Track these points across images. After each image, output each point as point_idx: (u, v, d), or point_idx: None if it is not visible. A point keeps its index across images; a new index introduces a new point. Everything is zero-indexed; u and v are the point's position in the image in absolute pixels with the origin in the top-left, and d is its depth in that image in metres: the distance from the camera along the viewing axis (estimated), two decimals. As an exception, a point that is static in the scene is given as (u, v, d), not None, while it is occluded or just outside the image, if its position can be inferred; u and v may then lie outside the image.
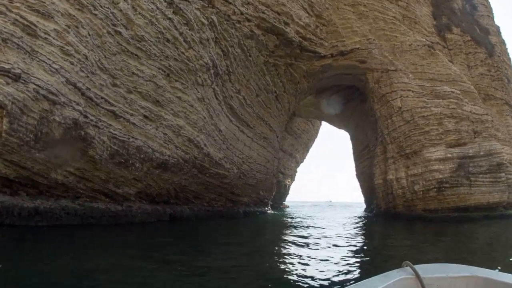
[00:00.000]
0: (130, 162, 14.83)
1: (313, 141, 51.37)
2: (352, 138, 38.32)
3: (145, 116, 15.27)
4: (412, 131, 24.22)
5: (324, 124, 47.25)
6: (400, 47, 26.48)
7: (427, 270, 2.07)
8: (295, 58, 24.21)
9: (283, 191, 46.95)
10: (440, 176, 22.92)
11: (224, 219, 20.38)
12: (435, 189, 23.08)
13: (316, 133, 50.83)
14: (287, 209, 45.59)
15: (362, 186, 36.82)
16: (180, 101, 16.81)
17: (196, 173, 18.97)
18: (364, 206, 39.43)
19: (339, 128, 42.62)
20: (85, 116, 12.61)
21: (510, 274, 2.07)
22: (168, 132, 16.41)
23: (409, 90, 25.16)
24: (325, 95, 34.63)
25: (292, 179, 51.24)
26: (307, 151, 51.30)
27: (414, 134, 24.15)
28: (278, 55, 22.93)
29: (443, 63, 27.25)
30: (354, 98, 33.55)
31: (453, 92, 25.65)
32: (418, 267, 2.04)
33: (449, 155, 23.35)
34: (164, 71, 15.70)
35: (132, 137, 14.66)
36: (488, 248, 11.11)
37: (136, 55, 14.53)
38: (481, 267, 2.23)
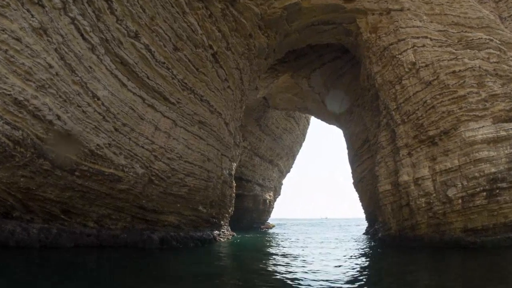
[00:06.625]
0: None
1: (300, 145, 41.67)
2: (346, 134, 28.70)
3: None
4: (437, 97, 14.74)
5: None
6: (407, -25, 17.30)
7: None
8: (239, -11, 15.00)
9: (263, 208, 36.91)
10: (493, 170, 13.33)
11: (101, 252, 10.61)
12: (485, 193, 13.45)
13: (303, 134, 41.13)
14: (270, 231, 35.69)
15: (361, 198, 26.95)
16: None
17: (49, 168, 10.12)
18: (364, 222, 29.39)
19: (330, 123, 33.03)
20: None
21: None
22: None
23: (426, 37, 15.84)
24: (304, 71, 25.30)
25: (276, 193, 41.39)
26: (293, 157, 41.52)
27: (442, 103, 14.65)
28: (205, -23, 13.71)
29: (471, 4, 18.05)
30: (346, 73, 24.22)
31: (491, 40, 16.36)
32: None
33: (503, 133, 13.81)
34: None
35: None
36: None
37: None
38: None
